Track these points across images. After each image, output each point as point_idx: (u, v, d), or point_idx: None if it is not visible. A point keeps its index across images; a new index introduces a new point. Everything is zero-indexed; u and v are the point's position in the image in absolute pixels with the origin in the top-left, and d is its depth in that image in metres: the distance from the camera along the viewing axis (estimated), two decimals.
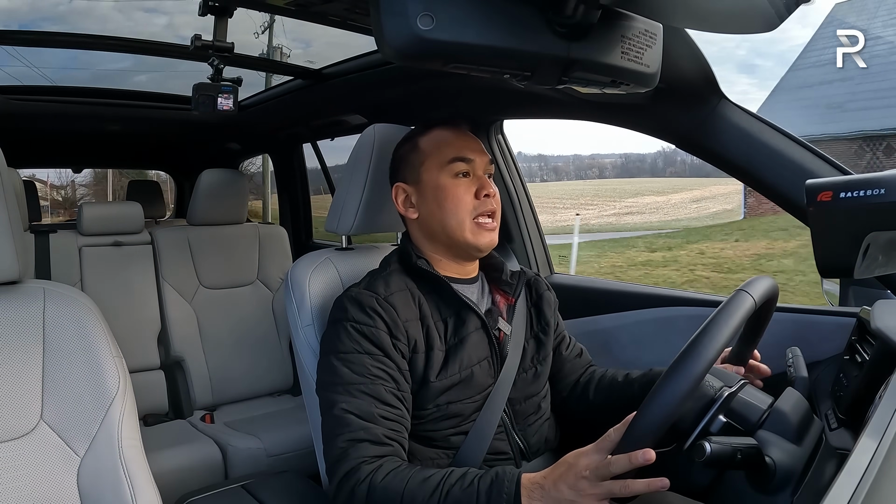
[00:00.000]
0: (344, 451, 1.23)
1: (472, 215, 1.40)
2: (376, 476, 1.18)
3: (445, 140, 1.45)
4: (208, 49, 1.81)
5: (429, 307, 1.40)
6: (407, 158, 1.48)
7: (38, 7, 5.47)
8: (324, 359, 1.35)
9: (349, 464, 1.21)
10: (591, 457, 1.02)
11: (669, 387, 0.97)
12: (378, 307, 1.33)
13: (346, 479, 1.20)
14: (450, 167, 1.42)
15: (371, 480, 1.18)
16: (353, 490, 1.18)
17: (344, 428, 1.25)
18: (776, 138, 1.53)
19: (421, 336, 1.36)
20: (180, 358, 2.96)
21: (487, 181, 1.43)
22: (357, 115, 2.67)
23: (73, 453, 1.16)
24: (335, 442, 1.25)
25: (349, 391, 1.28)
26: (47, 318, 1.19)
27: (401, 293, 1.38)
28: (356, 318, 1.33)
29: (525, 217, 2.41)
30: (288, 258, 3.32)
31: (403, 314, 1.35)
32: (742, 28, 1.01)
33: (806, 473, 0.98)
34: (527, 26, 0.90)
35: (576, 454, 1.05)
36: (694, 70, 1.49)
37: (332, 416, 1.28)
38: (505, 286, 1.51)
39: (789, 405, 1.05)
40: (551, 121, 2.76)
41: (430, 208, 1.44)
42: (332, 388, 1.30)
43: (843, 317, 1.53)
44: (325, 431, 1.29)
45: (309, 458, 1.80)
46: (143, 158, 4.73)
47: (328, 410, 1.29)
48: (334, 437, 1.25)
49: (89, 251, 2.97)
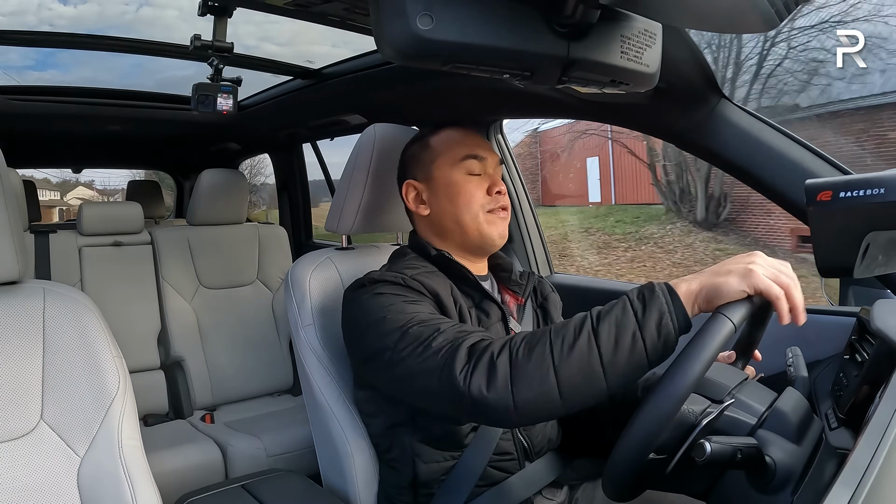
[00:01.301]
0: (455, 339, 1.13)
1: (484, 210, 1.42)
2: (514, 342, 1.08)
3: (457, 139, 1.46)
4: (208, 49, 1.81)
5: (457, 291, 1.39)
6: (418, 156, 1.50)
7: (106, 15, 5.51)
8: (357, 338, 1.29)
9: (472, 342, 1.11)
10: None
11: (641, 425, 0.96)
12: (407, 282, 1.30)
13: (480, 357, 1.08)
14: (462, 164, 1.43)
15: (510, 347, 1.07)
16: (493, 363, 1.06)
17: (432, 332, 1.16)
18: (776, 138, 1.53)
19: (455, 313, 1.33)
20: (180, 358, 2.95)
21: (499, 179, 1.44)
22: (357, 114, 2.67)
23: (73, 453, 1.16)
24: (436, 340, 1.14)
25: (413, 322, 1.19)
26: (47, 318, 1.19)
27: (429, 274, 1.37)
28: (385, 288, 1.28)
29: (525, 217, 2.42)
30: (288, 258, 3.32)
31: (434, 290, 1.31)
32: (742, 28, 1.01)
33: (806, 473, 0.98)
34: (526, 26, 0.90)
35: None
36: (693, 70, 1.49)
37: (407, 339, 1.17)
38: (514, 286, 1.52)
39: (789, 405, 1.05)
40: None
41: (442, 205, 1.45)
42: (388, 337, 1.20)
43: (843, 316, 1.53)
44: (414, 361, 1.16)
45: (309, 458, 1.81)
46: (142, 158, 4.73)
47: (398, 350, 1.18)
48: (427, 346, 1.15)
49: (89, 251, 2.97)
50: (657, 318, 1.01)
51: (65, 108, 2.88)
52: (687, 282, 1.03)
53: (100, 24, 6.36)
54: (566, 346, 1.03)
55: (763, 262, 1.00)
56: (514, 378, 1.04)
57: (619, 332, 1.02)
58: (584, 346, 1.02)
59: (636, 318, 1.02)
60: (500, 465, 1.36)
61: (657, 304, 1.01)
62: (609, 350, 1.02)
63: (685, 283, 1.03)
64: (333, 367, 1.46)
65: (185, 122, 3.27)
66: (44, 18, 6.08)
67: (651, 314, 1.01)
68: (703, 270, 1.03)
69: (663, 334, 1.01)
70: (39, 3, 4.95)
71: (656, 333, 1.01)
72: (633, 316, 1.02)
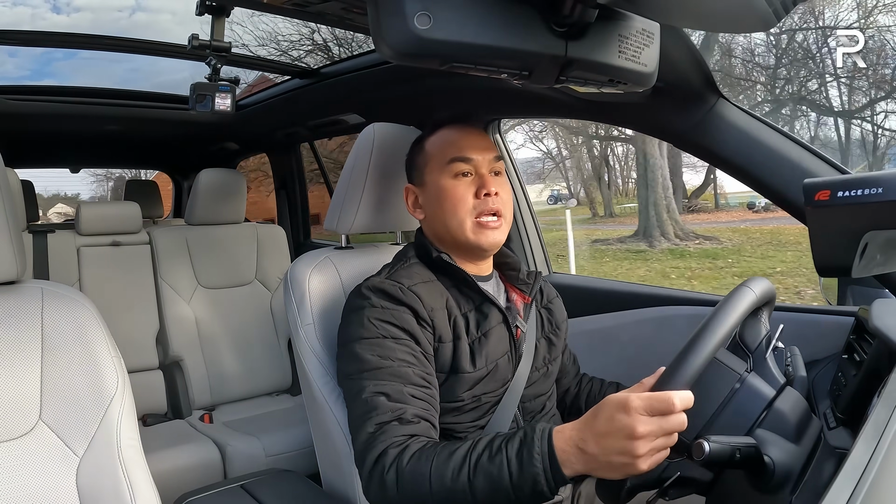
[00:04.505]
0: (372, 436, 1.20)
1: (472, 215, 1.40)
2: (402, 460, 1.14)
3: (448, 140, 1.45)
4: (206, 49, 1.80)
5: (452, 300, 1.40)
6: (414, 161, 1.50)
7: (100, 22, 5.49)
8: (345, 348, 1.34)
9: (378, 449, 1.17)
10: (638, 395, 0.96)
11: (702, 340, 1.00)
12: (403, 295, 1.32)
13: (374, 468, 1.17)
14: (449, 168, 1.41)
15: (397, 466, 1.13)
16: (383, 479, 1.14)
17: (373, 412, 1.22)
18: (774, 137, 1.53)
19: (448, 327, 1.36)
20: (179, 358, 2.95)
21: (489, 179, 1.41)
22: (355, 114, 2.67)
23: (71, 453, 1.16)
24: (364, 427, 1.21)
25: (376, 376, 1.25)
26: (45, 318, 1.18)
27: (425, 284, 1.39)
28: (380, 304, 1.32)
29: (524, 217, 2.42)
30: (286, 258, 3.32)
31: (429, 303, 1.35)
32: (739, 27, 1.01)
33: (805, 473, 0.98)
34: (524, 26, 0.90)
35: (617, 396, 0.97)
36: (692, 69, 1.50)
37: (360, 401, 1.25)
38: (521, 285, 1.52)
39: (788, 404, 1.05)
40: None
41: (433, 209, 1.45)
42: (357, 376, 1.27)
43: (842, 316, 1.54)
44: (353, 419, 1.26)
45: (308, 458, 1.81)
46: (140, 158, 4.73)
47: (355, 398, 1.26)
48: (363, 423, 1.22)
49: (88, 251, 2.97)
50: (531, 482, 1.02)
51: (63, 107, 2.88)
52: (571, 445, 1.00)
53: (94, 30, 6.38)
54: (444, 487, 1.09)
55: (645, 429, 0.93)
56: (399, 495, 1.13)
57: (493, 489, 1.05)
58: (459, 493, 1.08)
59: (510, 480, 1.04)
60: None
61: (533, 469, 1.02)
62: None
63: (570, 448, 1.00)
64: (332, 367, 1.46)
65: (183, 121, 3.27)
66: (38, 28, 6.07)
67: (526, 478, 1.02)
68: (592, 429, 0.98)
69: (536, 492, 1.02)
70: (33, 14, 4.97)
71: (530, 494, 1.03)
72: (507, 478, 1.04)
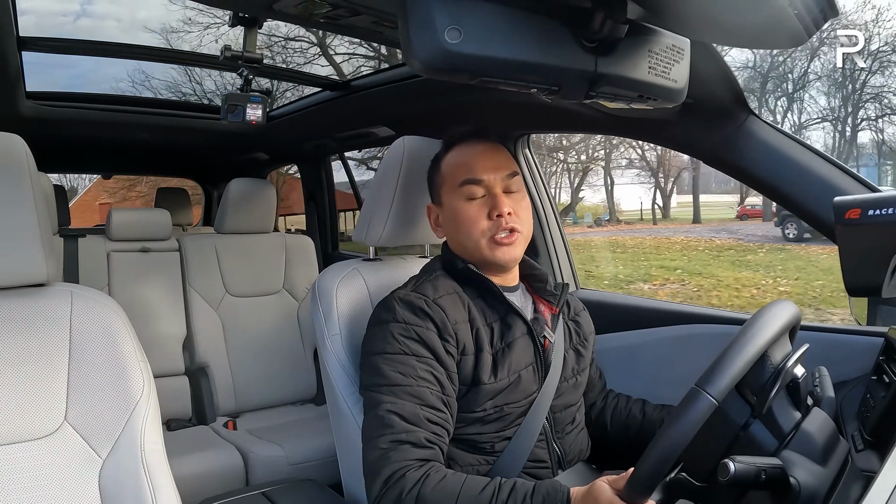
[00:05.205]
0: (385, 452, 1.23)
1: (486, 236, 1.41)
2: (426, 485, 1.19)
3: (460, 161, 1.46)
4: (237, 60, 1.83)
5: (476, 311, 1.41)
6: (434, 180, 1.53)
7: (43, 26, 5.53)
8: (368, 359, 1.36)
9: (392, 467, 1.22)
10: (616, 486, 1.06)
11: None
12: (428, 309, 1.34)
13: (391, 485, 1.21)
14: (461, 190, 1.43)
15: (420, 490, 1.18)
16: (402, 497, 1.19)
17: (387, 429, 1.25)
18: (804, 155, 1.51)
19: (470, 339, 1.37)
20: (205, 364, 2.98)
21: (501, 200, 1.41)
22: (385, 127, 2.68)
23: (95, 455, 1.17)
24: (376, 442, 1.25)
25: (394, 392, 1.29)
26: (74, 321, 1.20)
27: (449, 296, 1.40)
28: (405, 319, 1.34)
29: (551, 232, 2.40)
30: (314, 268, 3.34)
31: (453, 316, 1.36)
32: (770, 43, 1.00)
33: (831, 495, 0.97)
34: (554, 41, 0.91)
35: (604, 482, 1.08)
36: (721, 86, 1.49)
37: (375, 416, 1.28)
38: (549, 296, 1.53)
39: (815, 425, 1.04)
40: None
41: (450, 229, 1.48)
42: (377, 389, 1.31)
43: (871, 336, 1.51)
44: (367, 431, 1.29)
45: (330, 468, 1.81)
46: (171, 166, 4.79)
47: (371, 410, 1.30)
48: (376, 438, 1.26)
49: (117, 256, 3.01)
50: None
51: (95, 114, 2.93)
52: None
53: (37, 33, 6.49)
54: None
55: None
56: None
57: None
58: None
59: None
60: (534, 472, 1.39)
61: None
62: None
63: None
64: (358, 378, 1.46)
65: (214, 131, 3.31)
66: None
67: None
68: None
69: None
70: None
71: None
72: None
